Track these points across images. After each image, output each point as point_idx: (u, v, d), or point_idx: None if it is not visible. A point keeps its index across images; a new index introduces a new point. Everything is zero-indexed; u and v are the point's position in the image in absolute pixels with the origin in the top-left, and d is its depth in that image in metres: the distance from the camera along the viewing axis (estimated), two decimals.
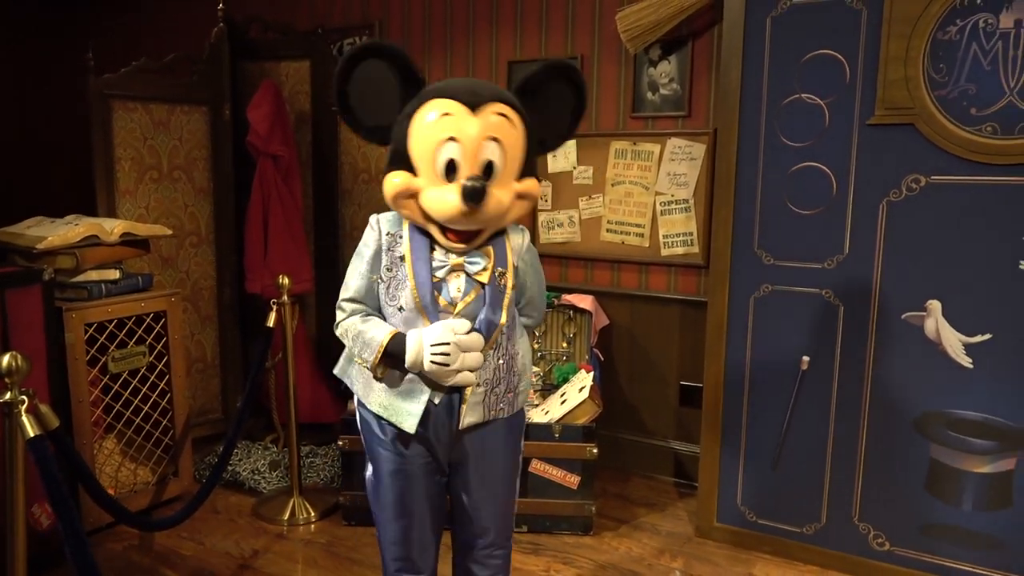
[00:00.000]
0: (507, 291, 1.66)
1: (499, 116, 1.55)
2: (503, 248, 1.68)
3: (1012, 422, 2.30)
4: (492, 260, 1.64)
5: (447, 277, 1.63)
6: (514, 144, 1.58)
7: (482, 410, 1.68)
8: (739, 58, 2.54)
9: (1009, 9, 2.17)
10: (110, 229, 2.76)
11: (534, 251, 1.78)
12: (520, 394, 1.77)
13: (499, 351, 1.68)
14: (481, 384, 1.66)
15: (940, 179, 2.31)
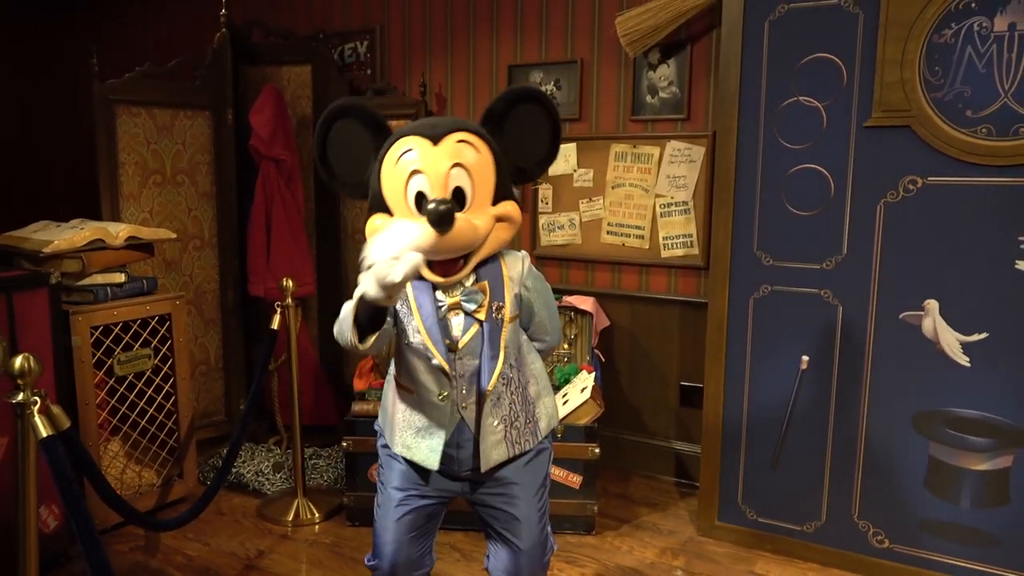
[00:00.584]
0: (504, 324, 1.64)
1: (461, 143, 1.57)
2: (499, 279, 1.66)
3: (1009, 420, 2.33)
4: (488, 295, 1.63)
5: (448, 316, 1.64)
6: (481, 168, 1.59)
7: (506, 447, 1.70)
8: (737, 62, 2.57)
9: (1003, 12, 2.20)
10: (115, 233, 2.78)
11: (537, 274, 1.75)
12: (542, 419, 1.76)
13: (510, 385, 1.70)
14: (499, 421, 1.68)
15: (936, 180, 2.34)
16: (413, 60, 3.73)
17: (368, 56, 3.84)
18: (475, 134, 1.61)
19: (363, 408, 2.89)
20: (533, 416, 1.74)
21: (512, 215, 1.64)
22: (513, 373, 1.70)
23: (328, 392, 3.66)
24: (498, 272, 1.67)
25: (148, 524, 2.21)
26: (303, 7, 4.01)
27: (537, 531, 1.80)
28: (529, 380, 1.76)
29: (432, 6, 3.64)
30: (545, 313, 1.77)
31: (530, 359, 1.78)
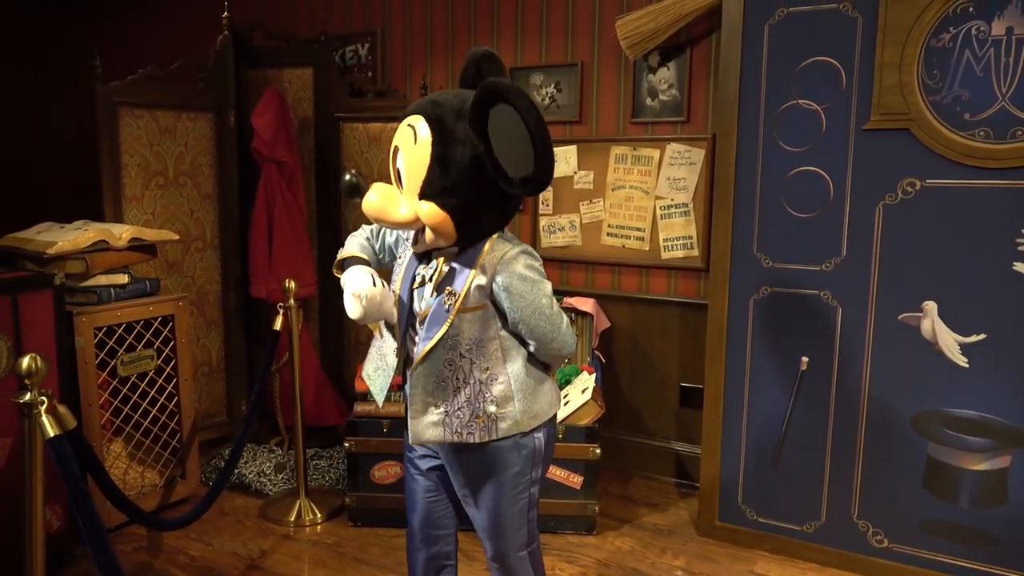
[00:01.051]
0: (451, 313, 1.61)
1: (408, 127, 1.58)
2: (465, 268, 1.62)
3: (1007, 420, 2.35)
4: (439, 275, 1.63)
5: (422, 284, 1.68)
6: (411, 159, 1.56)
7: (443, 431, 1.67)
8: (737, 65, 2.59)
9: (1001, 17, 2.23)
10: (119, 234, 2.80)
11: (517, 273, 1.61)
12: (501, 420, 1.67)
13: (457, 373, 1.65)
14: (439, 404, 1.67)
15: (935, 183, 2.37)
16: (414, 62, 3.75)
17: (369, 58, 3.86)
18: (427, 119, 1.55)
19: (365, 409, 2.91)
20: (488, 414, 1.66)
21: (424, 218, 1.56)
22: (463, 362, 1.65)
23: (329, 393, 3.67)
24: (472, 258, 1.62)
25: (153, 524, 2.22)
26: (304, 10, 4.02)
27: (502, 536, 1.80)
28: (496, 378, 1.67)
29: (433, 8, 3.66)
30: (521, 316, 1.63)
31: (505, 357, 1.68)
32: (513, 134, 1.49)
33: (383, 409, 2.88)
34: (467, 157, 1.54)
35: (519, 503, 1.77)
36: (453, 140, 1.54)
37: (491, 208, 1.62)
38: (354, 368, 3.70)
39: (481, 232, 1.64)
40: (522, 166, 1.51)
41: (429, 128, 1.54)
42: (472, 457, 1.73)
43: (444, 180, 1.55)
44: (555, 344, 1.69)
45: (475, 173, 1.54)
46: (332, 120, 3.69)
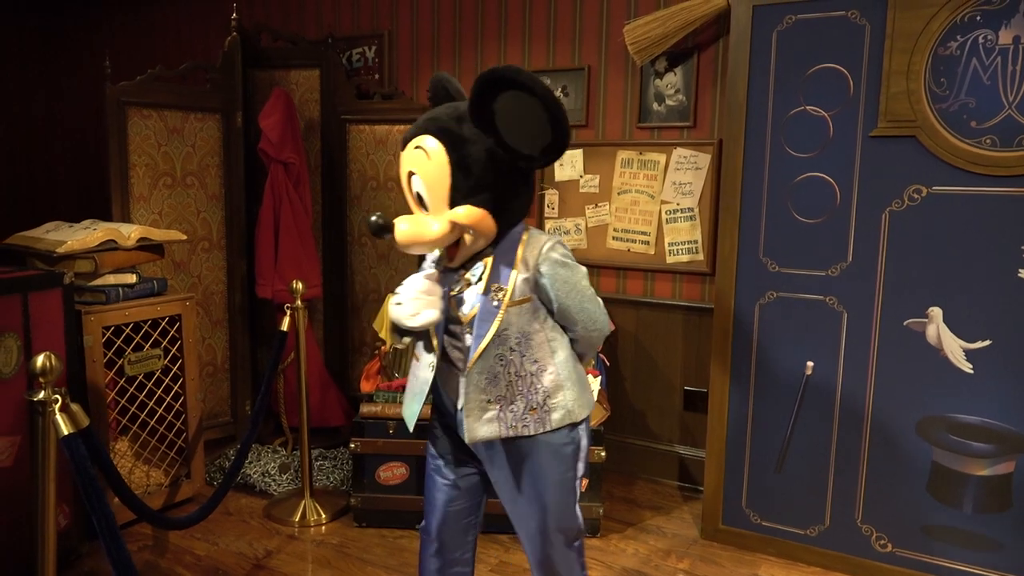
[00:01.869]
0: (501, 307, 1.67)
1: (417, 149, 1.63)
2: (509, 264, 1.68)
3: (1011, 426, 2.37)
4: (487, 272, 1.69)
5: (463, 291, 1.72)
6: (430, 175, 1.62)
7: (498, 426, 1.71)
8: (745, 71, 2.61)
9: (1008, 26, 2.24)
10: (127, 234, 2.81)
11: (560, 260, 1.70)
12: (553, 411, 1.72)
13: (509, 367, 1.70)
14: (493, 401, 1.71)
15: (941, 190, 2.38)
16: (421, 65, 3.76)
17: (376, 61, 3.87)
18: (433, 135, 1.61)
19: (371, 410, 2.92)
20: (542, 404, 1.72)
21: (462, 221, 1.62)
22: (514, 356, 1.70)
23: (333, 394, 3.68)
24: (511, 254, 1.69)
25: (161, 522, 2.23)
26: (312, 12, 4.04)
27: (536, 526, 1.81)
28: (545, 368, 1.73)
29: (440, 12, 3.68)
30: (569, 301, 1.71)
31: (551, 347, 1.74)
32: (520, 113, 1.57)
33: (390, 411, 2.90)
34: (482, 152, 1.61)
35: (568, 497, 1.81)
36: (464, 142, 1.61)
37: (517, 192, 1.69)
38: (359, 370, 3.72)
39: (516, 217, 1.71)
40: (537, 140, 1.59)
41: (437, 140, 1.61)
42: (522, 453, 1.76)
43: (469, 181, 1.61)
44: (598, 324, 1.77)
45: (494, 164, 1.62)
46: (339, 122, 3.70)
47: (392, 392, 3.01)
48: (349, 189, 3.76)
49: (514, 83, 1.56)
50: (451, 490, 1.88)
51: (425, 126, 1.64)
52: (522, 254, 1.69)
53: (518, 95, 1.56)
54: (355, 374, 3.84)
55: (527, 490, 1.78)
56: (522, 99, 1.56)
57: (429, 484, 1.92)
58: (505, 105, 1.58)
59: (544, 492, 1.77)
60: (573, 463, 1.80)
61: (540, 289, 1.71)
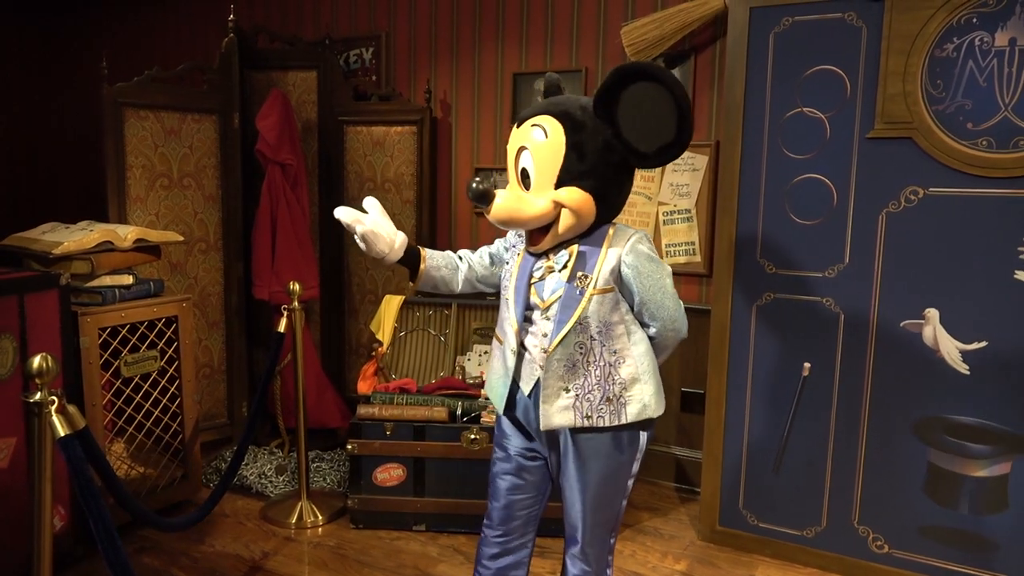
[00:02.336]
0: (585, 295, 1.69)
1: (535, 126, 1.68)
2: (595, 253, 1.71)
3: (1007, 427, 2.37)
4: (573, 260, 1.72)
5: (544, 276, 1.76)
6: (544, 152, 1.67)
7: (573, 415, 1.73)
8: (743, 73, 2.61)
9: (1004, 28, 2.25)
10: (124, 235, 2.80)
11: (645, 253, 1.72)
12: (629, 403, 1.74)
13: (588, 355, 1.72)
14: (571, 388, 1.73)
15: (937, 191, 2.39)
16: (418, 67, 3.76)
17: (374, 62, 3.87)
18: (554, 116, 1.66)
19: (368, 411, 2.91)
20: (618, 396, 1.74)
21: (567, 202, 1.66)
22: (594, 345, 1.72)
23: (330, 395, 3.67)
24: (598, 243, 1.72)
25: (158, 524, 2.22)
26: (310, 13, 4.04)
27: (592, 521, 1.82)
28: (624, 360, 1.74)
29: (438, 14, 3.68)
30: (649, 296, 1.72)
31: (631, 340, 1.76)
32: (646, 106, 1.62)
33: (387, 412, 2.89)
34: (599, 142, 1.66)
35: (622, 491, 1.85)
36: (584, 128, 1.66)
37: (620, 187, 1.75)
38: (355, 371, 3.71)
39: (613, 212, 1.75)
40: (656, 137, 1.64)
41: (559, 122, 1.66)
42: (589, 443, 1.77)
43: (581, 165, 1.66)
44: (676, 324, 1.78)
45: (607, 155, 1.68)
46: (336, 123, 3.70)
47: (389, 393, 3.01)
48: (347, 190, 3.76)
49: (647, 74, 1.61)
50: (514, 478, 1.91)
51: (547, 108, 1.69)
52: (609, 245, 1.72)
53: (649, 87, 1.61)
54: (352, 375, 3.83)
55: (583, 478, 1.80)
56: (652, 91, 1.61)
57: (493, 471, 1.95)
58: (632, 96, 1.63)
59: (599, 483, 1.80)
60: (631, 461, 1.82)
61: (623, 281, 1.72)
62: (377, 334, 3.34)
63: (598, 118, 1.67)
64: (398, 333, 3.39)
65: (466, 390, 3.02)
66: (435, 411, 2.88)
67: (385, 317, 3.32)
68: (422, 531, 2.90)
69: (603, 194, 1.70)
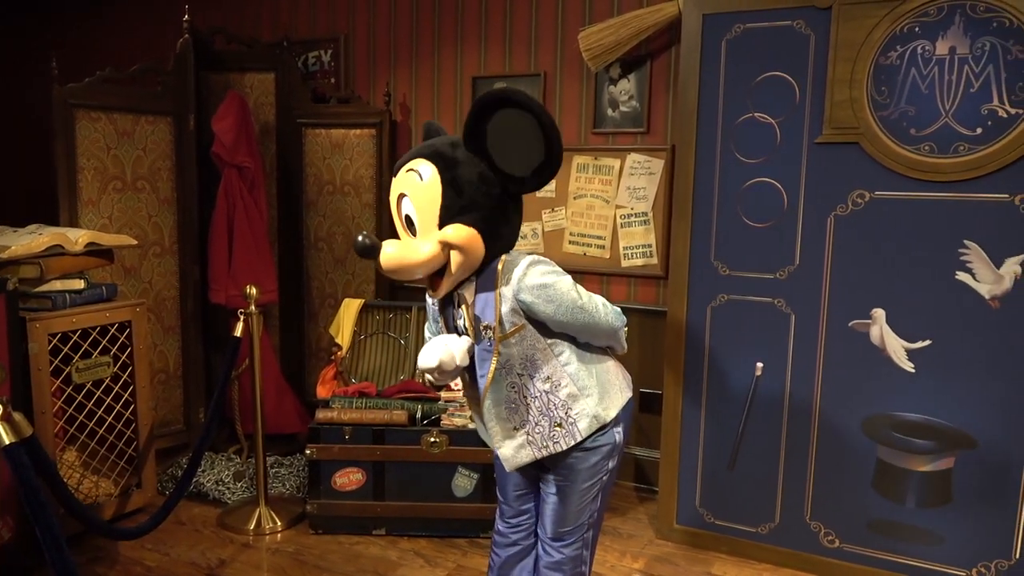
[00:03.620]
0: (495, 345, 1.70)
1: (409, 172, 1.68)
2: (489, 299, 1.69)
3: (950, 423, 2.45)
4: (470, 312, 1.73)
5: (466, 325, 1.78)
6: (422, 195, 1.65)
7: (531, 450, 1.79)
8: (696, 79, 2.66)
9: (944, 37, 2.33)
10: (75, 239, 2.75)
11: (537, 282, 1.68)
12: (579, 421, 1.76)
13: (522, 392, 1.75)
14: (518, 427, 1.78)
15: (883, 195, 2.46)
16: (378, 69, 3.76)
17: (332, 64, 3.85)
18: (426, 159, 1.66)
19: (327, 415, 2.90)
20: (567, 418, 1.76)
21: (452, 239, 1.64)
22: (524, 380, 1.75)
23: (289, 400, 3.64)
24: (490, 287, 1.70)
25: (109, 533, 2.18)
26: (268, 15, 4.00)
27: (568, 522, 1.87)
28: (559, 383, 1.75)
29: (397, 16, 3.68)
30: (562, 317, 1.70)
31: (559, 361, 1.76)
32: (512, 131, 1.63)
33: (346, 416, 2.88)
34: (474, 174, 1.66)
35: (595, 492, 1.87)
36: (457, 164, 1.66)
37: (505, 218, 1.72)
38: (315, 375, 3.69)
39: (505, 245, 1.73)
40: (528, 160, 1.65)
41: (431, 163, 1.65)
42: (561, 461, 1.82)
43: (461, 200, 1.65)
44: (602, 327, 1.78)
45: (485, 187, 1.67)
46: (294, 125, 3.68)
47: (348, 397, 2.99)
48: (305, 193, 3.74)
49: (509, 101, 1.61)
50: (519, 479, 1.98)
51: (419, 151, 1.69)
52: (499, 285, 1.69)
53: (512, 113, 1.62)
54: (312, 380, 3.80)
55: (560, 486, 1.84)
56: (516, 117, 1.62)
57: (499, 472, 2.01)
58: (498, 124, 1.64)
59: (567, 489, 1.84)
60: (604, 461, 1.84)
61: (531, 312, 1.70)
62: (336, 338, 3.32)
63: (470, 152, 1.67)
64: (358, 337, 3.37)
65: (426, 393, 3.02)
66: (395, 415, 2.88)
67: (344, 321, 3.31)
68: (382, 535, 2.90)
69: (488, 227, 1.67)
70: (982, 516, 2.44)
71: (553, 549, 1.90)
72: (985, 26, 2.27)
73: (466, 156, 1.67)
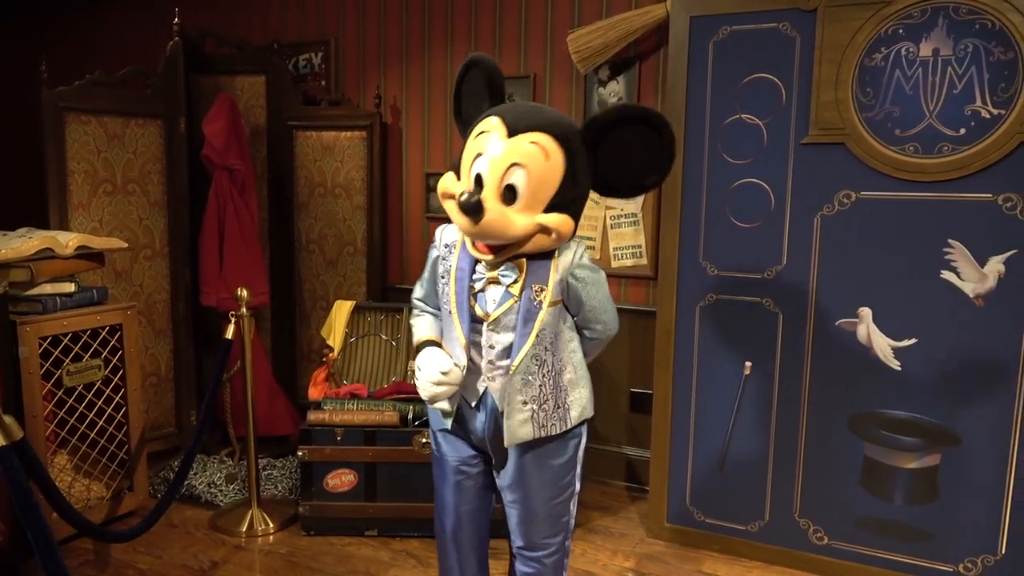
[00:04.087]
0: (543, 307, 1.71)
1: (532, 144, 1.62)
2: (545, 265, 1.72)
3: (937, 420, 2.48)
4: (524, 273, 1.71)
5: (485, 288, 1.75)
6: (541, 174, 1.62)
7: (532, 427, 1.76)
8: (684, 80, 2.68)
9: (928, 39, 2.36)
10: (65, 242, 2.75)
11: (590, 265, 1.78)
12: (573, 407, 1.80)
13: (543, 367, 1.75)
14: (528, 402, 1.75)
15: (869, 195, 2.48)
16: (368, 72, 3.77)
17: (323, 67, 3.86)
18: (555, 138, 1.63)
19: (319, 417, 2.90)
20: (564, 403, 1.79)
21: (555, 227, 1.64)
22: (547, 356, 1.76)
23: (281, 402, 3.65)
24: (547, 258, 1.73)
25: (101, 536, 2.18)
26: (258, 18, 4.01)
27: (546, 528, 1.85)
28: (566, 367, 1.80)
29: (387, 19, 3.69)
30: (595, 302, 1.78)
31: (571, 347, 1.82)
32: (636, 149, 1.68)
33: (338, 417, 2.89)
34: (586, 166, 1.69)
35: (568, 492, 1.87)
36: (578, 155, 1.67)
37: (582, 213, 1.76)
38: (307, 377, 3.69)
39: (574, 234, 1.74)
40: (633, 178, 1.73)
41: (560, 146, 1.63)
42: (537, 451, 1.80)
43: (575, 191, 1.68)
44: (611, 326, 1.85)
45: (587, 180, 1.71)
46: (285, 128, 3.68)
47: (340, 399, 3.00)
48: (296, 196, 3.74)
49: (651, 122, 1.66)
50: (460, 490, 1.92)
51: (544, 125, 1.64)
52: (557, 259, 1.73)
53: (648, 133, 1.66)
54: (304, 382, 3.80)
55: (532, 487, 1.83)
56: (649, 137, 1.66)
57: (440, 485, 1.95)
58: (625, 135, 1.67)
59: (547, 488, 1.83)
60: (575, 460, 1.86)
61: (570, 291, 1.75)
62: (328, 340, 3.33)
63: (584, 144, 1.68)
64: (349, 338, 3.38)
65: (417, 394, 3.02)
66: (386, 416, 2.89)
67: (336, 322, 3.31)
68: (374, 536, 2.90)
69: (577, 219, 1.72)
70: (968, 512, 2.47)
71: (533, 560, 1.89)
72: (968, 28, 2.30)
73: (581, 146, 1.67)
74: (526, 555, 1.90)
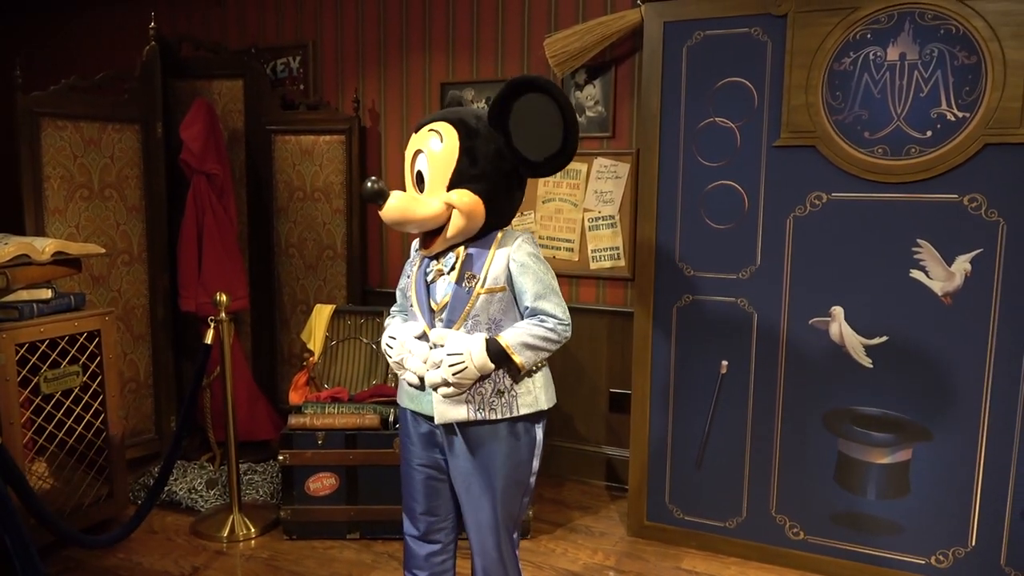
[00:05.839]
0: (473, 294, 1.77)
1: (431, 131, 1.78)
2: (483, 254, 1.80)
3: (907, 416, 2.53)
4: (460, 261, 1.80)
5: (435, 280, 1.84)
6: (438, 155, 1.76)
7: (466, 408, 1.79)
8: (658, 84, 2.72)
9: (895, 43, 2.41)
10: (41, 248, 2.73)
11: (532, 253, 1.81)
12: (520, 396, 1.82)
13: None
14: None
15: (840, 196, 2.54)
16: (346, 76, 3.78)
17: (301, 71, 3.86)
18: (449, 122, 1.77)
19: (300, 421, 2.91)
20: (509, 389, 1.81)
21: (458, 203, 1.74)
22: None
23: (262, 407, 3.64)
24: (486, 246, 1.81)
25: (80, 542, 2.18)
26: (235, 22, 4.00)
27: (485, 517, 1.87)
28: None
29: (365, 23, 3.70)
30: (538, 290, 1.79)
31: None
32: (535, 116, 1.75)
33: (319, 421, 2.90)
34: (491, 149, 1.78)
35: (524, 488, 1.91)
36: (477, 135, 1.77)
37: (509, 194, 1.85)
38: (288, 382, 3.69)
39: (503, 219, 1.85)
40: (544, 147, 1.77)
41: (454, 128, 1.77)
42: (483, 439, 1.83)
43: (473, 169, 1.76)
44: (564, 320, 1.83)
45: (499, 162, 1.79)
46: (263, 132, 3.68)
47: (321, 403, 3.01)
48: (275, 200, 3.74)
49: (537, 86, 1.74)
50: (427, 483, 1.95)
51: (445, 115, 1.80)
52: (497, 247, 1.80)
53: (539, 98, 1.74)
54: (285, 386, 3.80)
55: (482, 478, 1.85)
56: (541, 102, 1.74)
57: (406, 480, 2.00)
58: (524, 106, 1.76)
59: (498, 482, 1.85)
60: (529, 457, 1.90)
61: (514, 281, 1.80)
62: (308, 344, 3.33)
63: (491, 127, 1.79)
64: (329, 342, 3.39)
65: None
66: (367, 419, 2.90)
67: (316, 326, 3.32)
68: (356, 539, 2.91)
69: (493, 199, 1.79)
70: (940, 505, 2.52)
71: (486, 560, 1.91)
72: (933, 33, 2.36)
73: (487, 130, 1.78)
74: (480, 551, 1.93)
